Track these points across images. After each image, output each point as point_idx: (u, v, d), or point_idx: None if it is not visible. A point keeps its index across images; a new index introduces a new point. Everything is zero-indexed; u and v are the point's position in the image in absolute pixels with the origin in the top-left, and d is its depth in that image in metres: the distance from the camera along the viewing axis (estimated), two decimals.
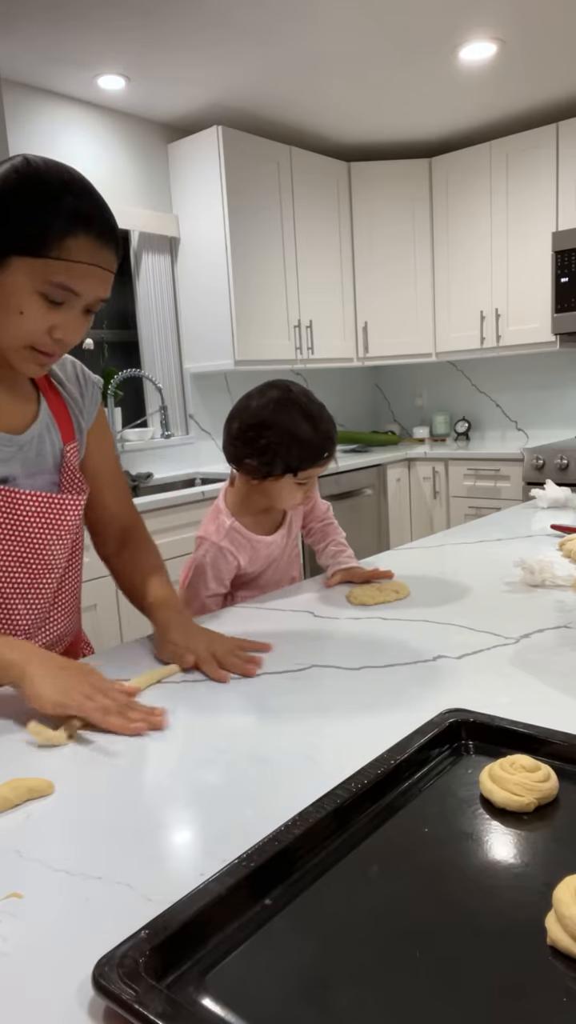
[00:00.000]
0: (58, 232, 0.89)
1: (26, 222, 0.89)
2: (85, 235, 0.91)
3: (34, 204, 0.89)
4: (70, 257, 0.90)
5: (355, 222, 4.10)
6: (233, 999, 0.47)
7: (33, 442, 1.07)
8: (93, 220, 0.92)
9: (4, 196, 0.89)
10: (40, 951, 0.53)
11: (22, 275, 0.90)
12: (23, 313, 0.92)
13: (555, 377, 4.21)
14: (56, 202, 0.89)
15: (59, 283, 0.91)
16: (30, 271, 0.90)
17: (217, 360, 3.59)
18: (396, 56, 3.02)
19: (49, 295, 0.92)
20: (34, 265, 0.90)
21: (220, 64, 3.01)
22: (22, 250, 0.89)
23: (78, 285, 0.92)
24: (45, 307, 0.93)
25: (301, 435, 1.32)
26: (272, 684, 0.99)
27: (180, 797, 0.72)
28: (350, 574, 1.47)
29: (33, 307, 0.92)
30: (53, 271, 0.90)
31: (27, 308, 0.92)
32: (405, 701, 0.90)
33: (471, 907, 0.54)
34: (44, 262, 0.90)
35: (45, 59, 2.88)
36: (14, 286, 0.91)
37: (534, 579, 1.35)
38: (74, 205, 0.90)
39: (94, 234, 0.92)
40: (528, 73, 3.27)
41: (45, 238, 0.89)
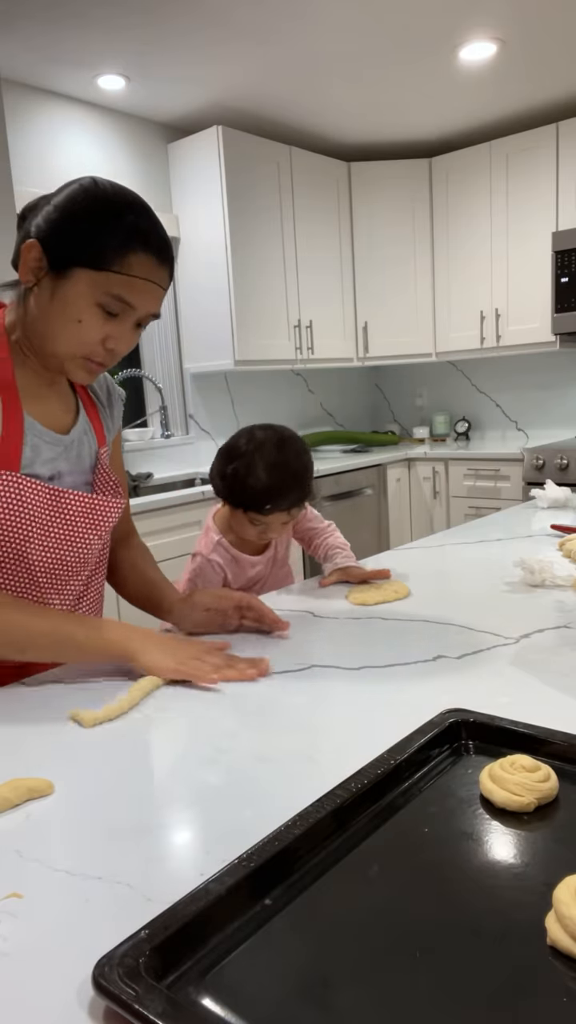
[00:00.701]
0: (121, 247, 0.95)
1: (91, 236, 0.95)
2: (145, 252, 0.97)
3: (100, 220, 0.95)
4: (130, 272, 0.96)
5: (355, 222, 4.10)
6: (233, 999, 0.47)
7: (75, 444, 1.12)
8: (152, 239, 0.98)
9: (73, 212, 0.96)
10: (40, 951, 0.53)
11: (83, 286, 0.96)
12: (81, 322, 0.98)
13: (555, 377, 4.21)
14: (120, 219, 0.96)
15: (117, 296, 0.97)
16: (92, 283, 0.96)
17: (217, 360, 3.59)
18: (396, 56, 3.02)
19: (107, 307, 0.97)
20: (96, 277, 0.95)
21: (220, 64, 3.01)
22: (85, 262, 0.95)
23: (135, 299, 0.98)
24: (102, 318, 0.98)
25: (251, 480, 1.33)
26: (272, 684, 0.99)
27: (180, 797, 0.72)
28: (347, 574, 1.47)
29: (91, 317, 0.98)
30: (113, 284, 0.96)
31: (85, 318, 0.97)
32: (405, 701, 0.90)
33: (471, 907, 0.54)
34: (106, 275, 0.95)
35: (45, 59, 2.88)
36: (75, 296, 0.96)
37: (534, 579, 1.35)
38: (136, 223, 0.97)
39: (153, 252, 0.97)
40: (528, 73, 3.27)
41: (108, 252, 0.95)
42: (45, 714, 0.93)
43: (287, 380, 4.35)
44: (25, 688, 1.03)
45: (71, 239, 0.95)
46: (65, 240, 0.95)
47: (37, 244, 0.97)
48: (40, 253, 0.97)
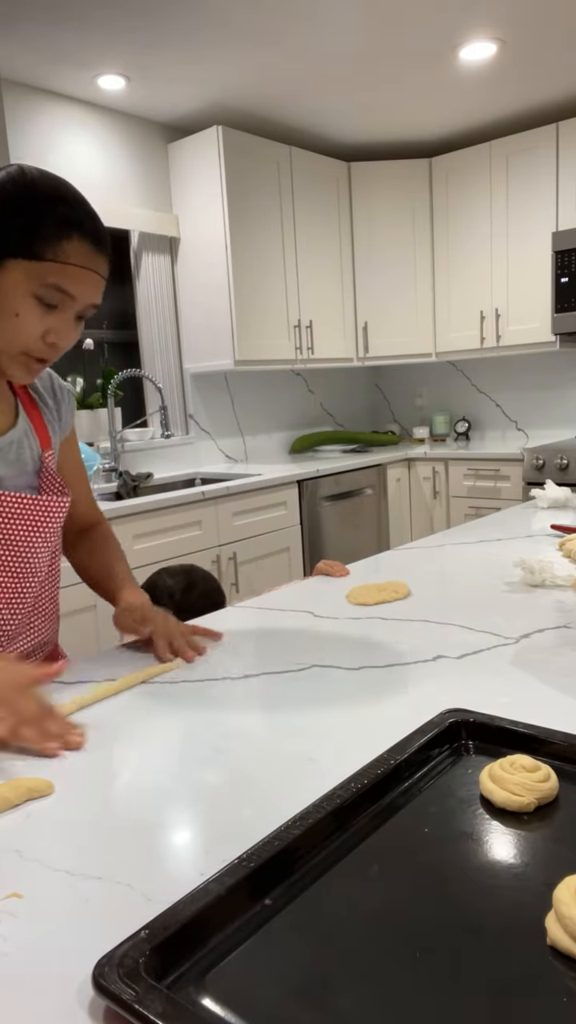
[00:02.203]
0: (54, 235, 0.92)
1: (23, 225, 0.91)
2: (80, 239, 0.94)
3: (30, 208, 0.91)
4: (66, 259, 0.93)
5: (355, 222, 4.10)
6: (233, 999, 0.47)
7: (12, 446, 1.08)
8: (87, 226, 0.95)
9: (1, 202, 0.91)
10: (40, 951, 0.53)
11: (18, 277, 0.92)
12: (19, 315, 0.94)
13: (555, 377, 4.21)
14: (52, 207, 0.92)
15: (54, 285, 0.93)
16: (26, 273, 0.92)
17: (217, 360, 3.59)
18: (396, 56, 3.03)
19: (44, 298, 0.94)
20: (30, 267, 0.92)
21: (220, 64, 3.01)
22: (18, 253, 0.91)
23: (73, 287, 0.94)
24: (40, 310, 0.95)
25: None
26: (272, 684, 0.99)
27: (180, 797, 0.72)
28: None
29: (28, 310, 0.94)
30: (49, 273, 0.93)
31: (22, 310, 0.94)
32: (405, 701, 0.90)
33: (471, 907, 0.54)
34: (40, 264, 0.92)
35: (45, 59, 2.88)
36: (9, 288, 0.93)
37: (534, 579, 1.35)
38: (69, 210, 0.93)
39: (89, 239, 0.95)
40: (528, 73, 3.27)
41: (41, 241, 0.91)
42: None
43: (287, 380, 4.35)
44: None
45: (2, 230, 0.91)
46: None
47: None
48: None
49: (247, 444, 4.13)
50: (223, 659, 1.09)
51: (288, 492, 3.39)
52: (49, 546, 1.13)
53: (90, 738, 0.86)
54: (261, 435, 4.21)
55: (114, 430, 3.36)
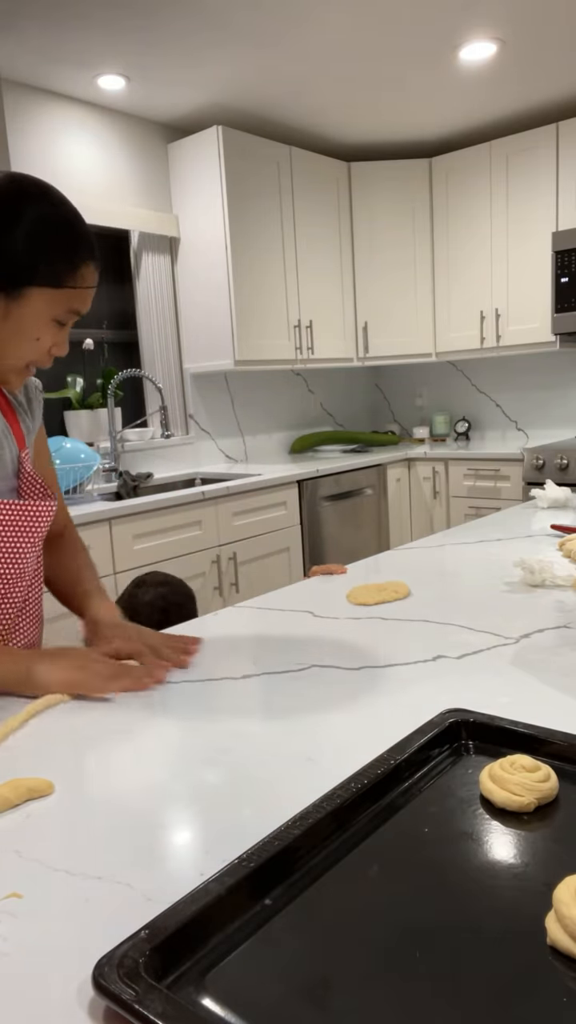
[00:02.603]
0: (74, 263, 0.96)
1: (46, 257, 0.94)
2: (92, 262, 0.99)
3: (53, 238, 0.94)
4: (83, 284, 0.98)
5: (355, 222, 4.10)
6: (233, 999, 0.47)
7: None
8: (94, 247, 0.99)
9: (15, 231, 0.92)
10: (40, 951, 0.53)
11: (41, 305, 0.96)
12: (39, 339, 0.99)
13: (555, 377, 4.21)
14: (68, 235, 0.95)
15: (73, 308, 0.99)
16: (50, 301, 0.96)
17: (217, 360, 3.59)
18: (396, 56, 3.03)
19: (62, 320, 0.99)
20: (54, 295, 0.96)
21: (220, 64, 3.01)
22: (42, 282, 0.95)
23: (83, 307, 1.00)
24: (55, 330, 1.00)
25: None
26: (272, 684, 0.99)
27: (180, 797, 0.72)
28: None
29: (47, 333, 0.99)
30: (71, 299, 0.98)
31: (43, 335, 0.99)
32: (405, 701, 0.90)
33: (471, 907, 0.54)
34: (63, 292, 0.96)
35: (45, 59, 2.88)
36: (33, 315, 0.97)
37: (534, 579, 1.35)
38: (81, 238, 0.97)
39: (95, 262, 1.00)
40: (528, 73, 3.27)
41: (64, 270, 0.95)
42: (45, 714, 0.93)
43: (287, 380, 4.35)
44: None
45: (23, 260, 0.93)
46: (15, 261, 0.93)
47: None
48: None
49: (247, 444, 4.13)
50: (223, 659, 1.09)
51: (288, 492, 3.39)
52: (37, 550, 1.13)
53: (89, 738, 0.86)
54: (261, 435, 4.21)
55: (114, 430, 3.36)
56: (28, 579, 1.14)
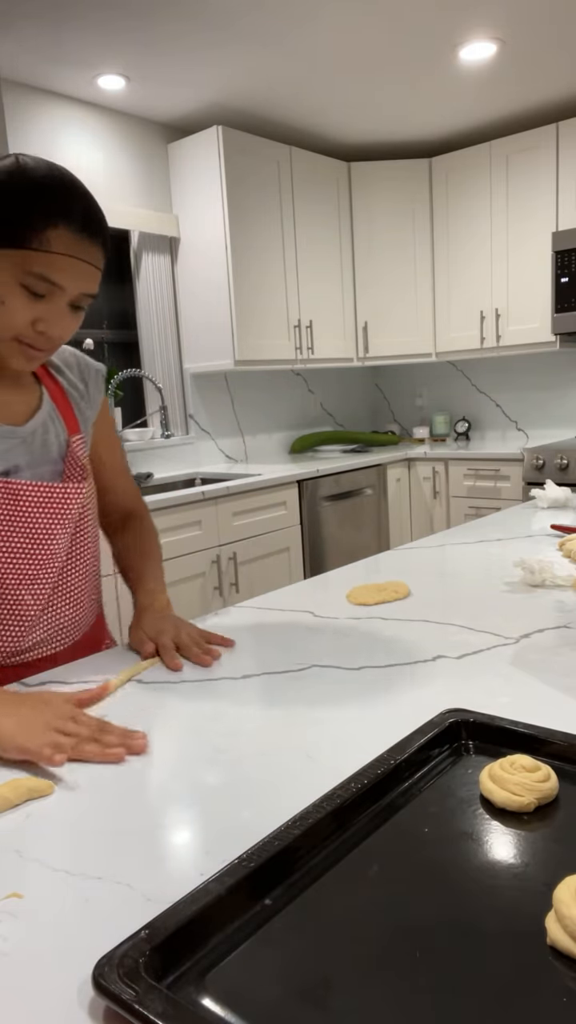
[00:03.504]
0: (39, 224, 0.91)
1: (9, 215, 0.91)
2: (66, 228, 0.93)
3: (17, 197, 0.91)
4: (50, 248, 0.92)
5: (355, 222, 4.10)
6: (233, 999, 0.47)
7: (37, 433, 1.10)
8: (75, 214, 0.93)
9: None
10: (40, 951, 0.53)
11: (3, 266, 0.92)
12: (4, 303, 0.94)
13: (555, 377, 4.21)
14: (38, 195, 0.91)
15: (39, 274, 0.93)
16: (11, 262, 0.92)
17: (217, 360, 3.59)
18: (396, 56, 3.03)
19: (31, 287, 0.93)
20: (15, 256, 0.92)
21: (220, 64, 3.01)
22: (4, 242, 0.91)
23: (59, 277, 0.94)
24: (27, 299, 0.94)
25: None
26: (272, 684, 0.99)
27: (180, 797, 0.72)
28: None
29: (15, 298, 0.94)
30: (32, 262, 0.92)
31: (8, 299, 0.94)
32: (405, 701, 0.90)
33: (471, 907, 0.54)
34: (24, 253, 0.92)
35: (45, 59, 2.88)
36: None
37: (534, 579, 1.35)
38: (56, 198, 0.92)
39: (75, 227, 0.93)
40: (528, 73, 3.27)
41: (25, 229, 0.91)
42: None
43: (287, 380, 4.35)
44: (25, 688, 1.03)
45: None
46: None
47: None
48: None
49: (247, 444, 4.13)
50: (223, 659, 1.09)
51: (288, 492, 3.39)
52: (67, 532, 1.14)
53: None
54: (261, 435, 4.21)
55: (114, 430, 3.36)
56: (60, 561, 1.14)
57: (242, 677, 1.02)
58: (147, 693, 0.98)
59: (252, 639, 1.17)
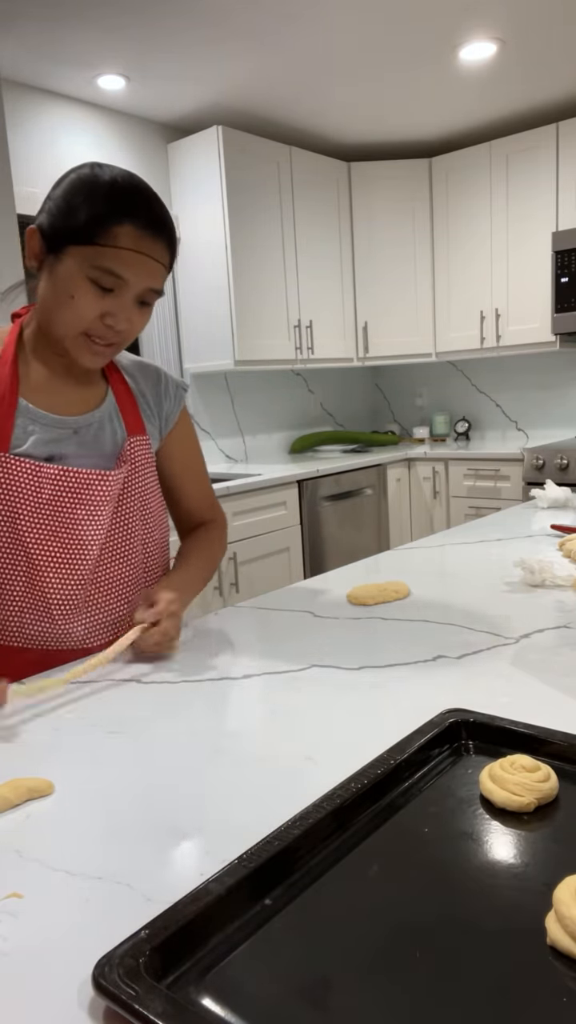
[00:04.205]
0: (106, 220, 0.97)
1: (78, 211, 0.98)
2: (132, 224, 0.98)
3: (87, 195, 0.98)
4: (116, 243, 0.98)
5: (355, 222, 4.10)
6: (233, 999, 0.47)
7: (91, 427, 1.14)
8: (140, 211, 0.99)
9: (65, 193, 1.00)
10: (40, 951, 0.53)
11: (73, 262, 0.99)
12: (74, 297, 1.00)
13: (555, 377, 4.21)
14: (108, 193, 0.98)
15: (107, 268, 0.98)
16: (81, 257, 0.98)
17: (217, 360, 3.59)
18: (396, 56, 3.02)
19: (98, 281, 0.99)
20: (84, 252, 0.98)
21: (220, 64, 3.01)
22: (74, 238, 0.98)
23: (125, 271, 0.99)
24: (95, 293, 1.00)
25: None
26: (272, 684, 0.99)
27: (180, 797, 0.72)
28: None
29: (84, 292, 1.00)
30: (100, 256, 0.98)
31: (77, 293, 1.00)
32: (405, 701, 0.90)
33: (471, 907, 0.54)
34: (93, 248, 0.98)
35: (45, 59, 2.88)
36: (67, 273, 1.00)
37: (534, 579, 1.35)
38: (122, 197, 0.99)
39: (141, 224, 0.99)
40: (528, 73, 3.27)
41: (94, 226, 0.97)
42: (45, 714, 0.93)
43: (287, 380, 4.35)
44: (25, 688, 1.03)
45: (62, 218, 0.99)
46: (57, 220, 0.99)
47: (36, 230, 1.02)
48: (39, 238, 1.01)
49: (247, 444, 4.13)
50: (223, 659, 1.09)
51: (288, 492, 3.39)
52: (95, 520, 1.14)
53: (90, 738, 0.86)
54: (261, 435, 4.21)
55: None
56: (94, 551, 1.15)
57: (242, 677, 1.02)
58: (147, 693, 0.98)
59: (252, 639, 1.17)
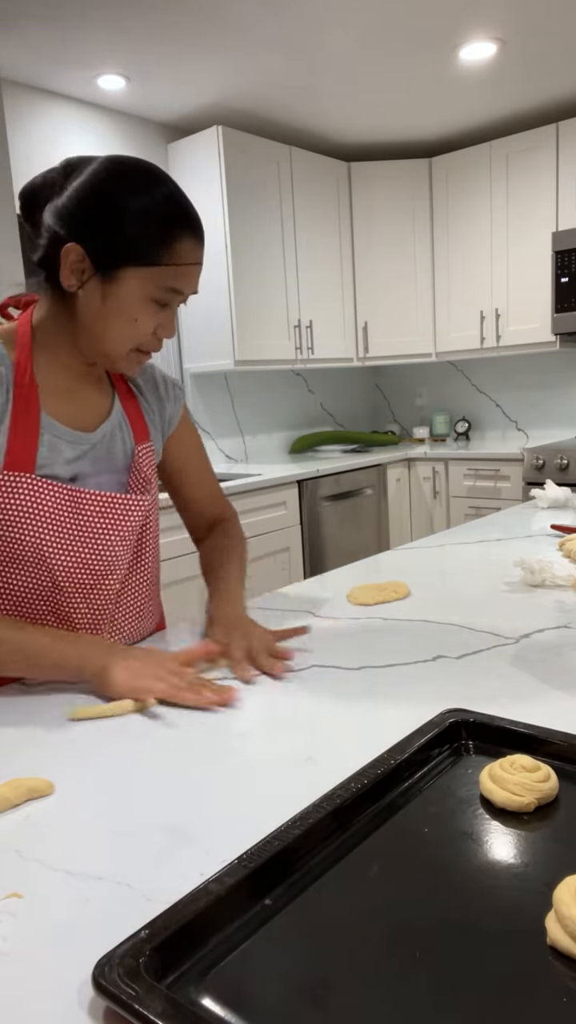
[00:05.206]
0: (167, 239, 0.93)
1: (136, 234, 0.92)
2: (189, 237, 0.94)
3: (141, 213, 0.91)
4: (179, 261, 0.94)
5: (355, 222, 4.10)
6: (233, 999, 0.47)
7: (104, 440, 1.09)
8: (192, 219, 0.95)
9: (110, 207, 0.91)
10: (40, 951, 0.53)
11: (135, 285, 0.94)
12: (137, 320, 0.97)
13: (555, 377, 4.21)
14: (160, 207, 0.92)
15: (171, 287, 0.95)
16: (144, 280, 0.94)
17: (217, 360, 3.59)
18: (396, 56, 3.02)
19: (160, 299, 0.96)
20: (147, 274, 0.93)
21: (220, 64, 3.01)
22: (134, 261, 0.93)
23: (184, 285, 0.97)
24: (154, 311, 0.97)
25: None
26: (272, 684, 0.99)
27: (180, 797, 0.72)
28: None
29: (146, 314, 0.96)
30: (165, 277, 0.94)
31: (141, 316, 0.96)
32: (405, 701, 0.90)
33: (471, 907, 0.54)
34: (157, 270, 0.93)
35: (45, 59, 2.88)
36: (128, 296, 0.95)
37: (534, 579, 1.35)
38: (175, 206, 0.93)
39: (193, 232, 0.95)
40: (528, 73, 3.27)
41: (156, 247, 0.92)
42: (45, 714, 0.93)
43: (287, 380, 4.35)
44: (25, 688, 1.03)
45: (115, 240, 0.92)
46: (109, 241, 0.92)
47: (78, 247, 0.92)
48: (82, 255, 0.93)
49: (247, 444, 4.13)
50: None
51: (288, 492, 3.39)
52: (128, 544, 1.12)
53: (90, 738, 0.86)
54: (261, 435, 4.21)
55: None
56: (121, 572, 1.12)
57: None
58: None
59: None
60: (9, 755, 0.83)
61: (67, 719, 0.90)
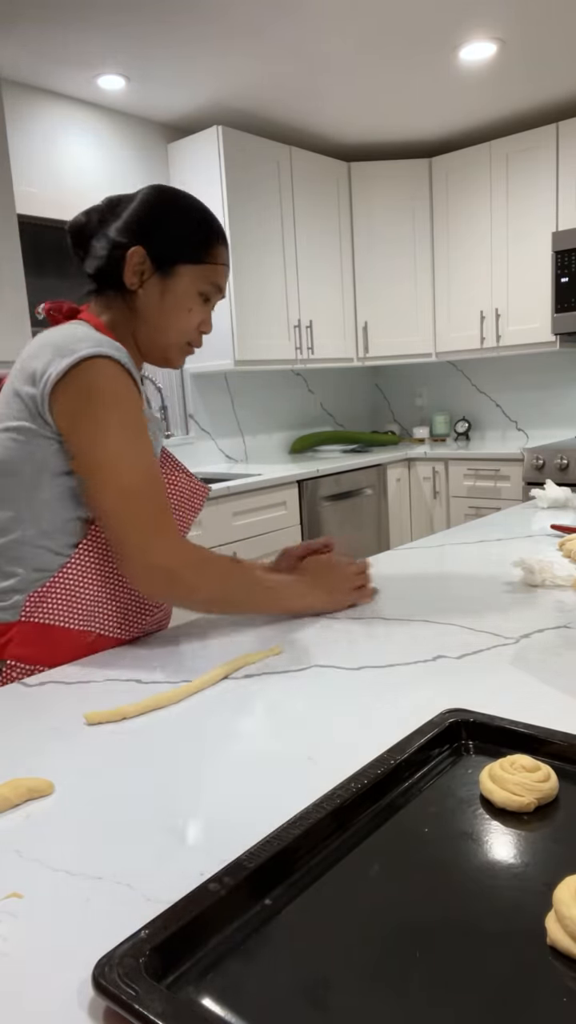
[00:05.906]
0: (210, 242, 1.17)
1: (189, 237, 1.15)
2: (222, 242, 1.19)
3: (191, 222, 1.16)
4: (218, 260, 1.18)
5: (355, 222, 4.10)
6: (233, 999, 0.47)
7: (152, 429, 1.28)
8: (222, 230, 1.20)
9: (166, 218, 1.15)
10: (40, 951, 0.53)
11: (189, 280, 1.16)
12: (191, 311, 1.18)
13: (555, 377, 4.21)
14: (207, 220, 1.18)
15: (215, 283, 1.18)
16: (195, 276, 1.17)
17: (217, 360, 3.59)
18: (396, 56, 3.02)
19: (206, 294, 1.18)
20: (198, 270, 1.16)
21: (220, 64, 3.01)
22: (188, 259, 1.15)
23: (223, 282, 1.20)
24: (202, 305, 1.19)
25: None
26: (272, 684, 0.99)
27: (180, 797, 0.72)
28: None
29: (196, 305, 1.18)
30: (212, 273, 1.17)
31: (194, 306, 1.18)
32: (405, 701, 0.90)
33: (471, 907, 0.54)
34: (205, 267, 1.17)
35: (45, 59, 2.88)
36: (183, 289, 1.16)
37: (534, 579, 1.35)
38: (212, 220, 1.19)
39: (223, 239, 1.20)
40: (528, 73, 3.27)
41: (203, 248, 1.16)
42: (45, 714, 0.93)
43: (287, 380, 4.35)
44: (25, 688, 1.03)
45: (172, 241, 1.14)
46: (167, 243, 1.14)
47: (141, 249, 1.14)
48: (143, 256, 1.14)
49: (247, 444, 4.13)
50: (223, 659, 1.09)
51: (288, 492, 3.39)
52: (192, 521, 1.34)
53: (90, 738, 0.86)
54: (261, 435, 4.21)
55: None
56: None
57: (243, 677, 1.02)
58: (147, 693, 0.98)
59: (252, 639, 1.17)
60: (9, 755, 0.83)
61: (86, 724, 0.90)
